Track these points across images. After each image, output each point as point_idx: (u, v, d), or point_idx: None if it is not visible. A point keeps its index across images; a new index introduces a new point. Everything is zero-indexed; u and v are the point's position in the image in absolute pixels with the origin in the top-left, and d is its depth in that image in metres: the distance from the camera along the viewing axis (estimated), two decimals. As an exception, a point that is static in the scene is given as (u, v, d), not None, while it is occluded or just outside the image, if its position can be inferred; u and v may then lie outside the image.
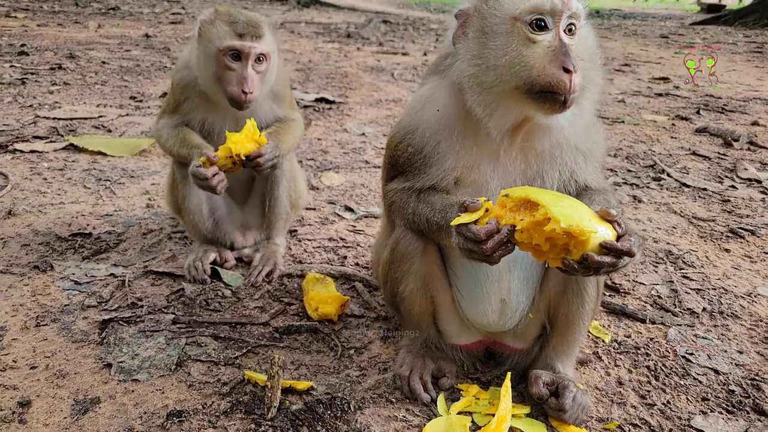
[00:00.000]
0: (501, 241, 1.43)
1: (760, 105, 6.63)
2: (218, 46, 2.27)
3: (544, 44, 1.51)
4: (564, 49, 1.49)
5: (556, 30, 1.51)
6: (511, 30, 1.53)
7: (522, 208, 1.43)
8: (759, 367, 2.08)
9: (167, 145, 2.50)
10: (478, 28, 1.59)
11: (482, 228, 1.43)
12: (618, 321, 2.35)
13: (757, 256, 2.99)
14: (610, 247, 1.36)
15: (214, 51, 2.28)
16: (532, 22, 1.50)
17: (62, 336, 2.07)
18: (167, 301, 2.35)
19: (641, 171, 4.30)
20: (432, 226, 1.67)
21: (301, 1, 22.80)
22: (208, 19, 2.33)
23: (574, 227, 1.34)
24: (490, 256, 1.45)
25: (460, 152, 1.69)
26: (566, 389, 1.75)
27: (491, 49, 1.55)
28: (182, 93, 2.47)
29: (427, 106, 1.75)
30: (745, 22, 17.30)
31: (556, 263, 1.42)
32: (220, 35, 2.27)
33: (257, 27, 2.31)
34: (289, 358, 2.03)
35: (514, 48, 1.51)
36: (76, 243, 2.77)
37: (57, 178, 3.56)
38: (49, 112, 4.93)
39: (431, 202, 1.69)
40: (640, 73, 8.68)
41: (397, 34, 13.28)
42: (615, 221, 1.42)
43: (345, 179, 3.88)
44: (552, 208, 1.37)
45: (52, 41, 8.53)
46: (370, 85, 7.03)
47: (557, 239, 1.37)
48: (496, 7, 1.56)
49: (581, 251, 1.36)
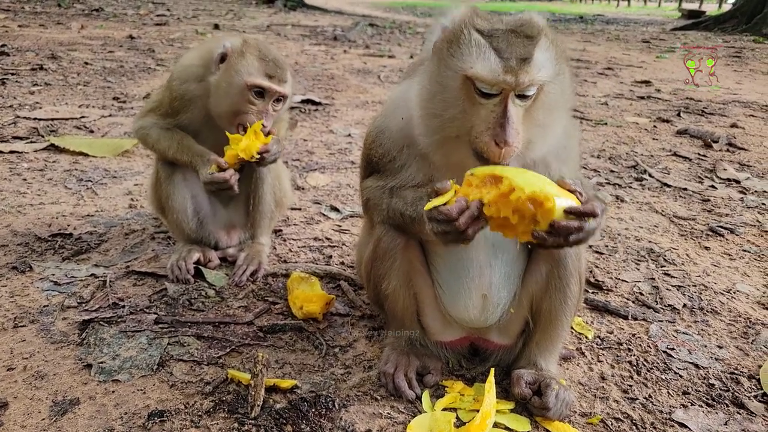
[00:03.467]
0: (472, 216, 1.43)
1: (738, 107, 6.75)
2: (246, 80, 2.30)
3: (489, 107, 1.49)
4: (502, 122, 1.46)
5: (504, 100, 1.48)
6: (461, 86, 1.51)
7: (488, 183, 1.46)
8: (738, 361, 2.11)
9: (159, 147, 2.49)
10: (434, 72, 1.56)
11: (453, 207, 1.44)
12: (601, 317, 2.37)
13: (735, 253, 3.03)
14: (573, 210, 1.39)
15: (241, 83, 2.31)
16: (481, 87, 1.48)
17: (41, 337, 2.04)
18: (149, 301, 2.33)
19: (624, 171, 4.35)
20: (406, 219, 1.69)
21: (288, 4, 22.82)
22: (237, 48, 2.35)
23: (538, 192, 1.37)
24: (464, 233, 1.45)
25: (421, 162, 1.71)
26: (548, 387, 1.76)
27: (439, 100, 1.55)
28: (182, 105, 2.46)
29: (396, 112, 1.77)
30: (724, 28, 17.62)
31: (526, 236, 1.43)
32: (250, 71, 2.31)
33: (284, 70, 2.39)
34: (274, 356, 2.02)
35: (460, 105, 1.52)
36: (56, 244, 2.73)
37: (37, 179, 3.51)
38: (29, 113, 4.86)
39: (403, 196, 1.71)
40: (623, 77, 8.80)
41: (384, 37, 13.32)
42: (576, 191, 1.45)
43: (331, 179, 3.88)
44: (515, 178, 1.41)
45: (34, 42, 8.42)
46: (356, 87, 7.04)
47: (524, 210, 1.39)
48: (453, 57, 1.51)
49: (548, 219, 1.38)
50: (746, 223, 3.43)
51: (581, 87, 7.74)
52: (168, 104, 2.49)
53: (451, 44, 1.52)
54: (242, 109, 2.35)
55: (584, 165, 4.43)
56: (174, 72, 2.52)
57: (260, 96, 2.35)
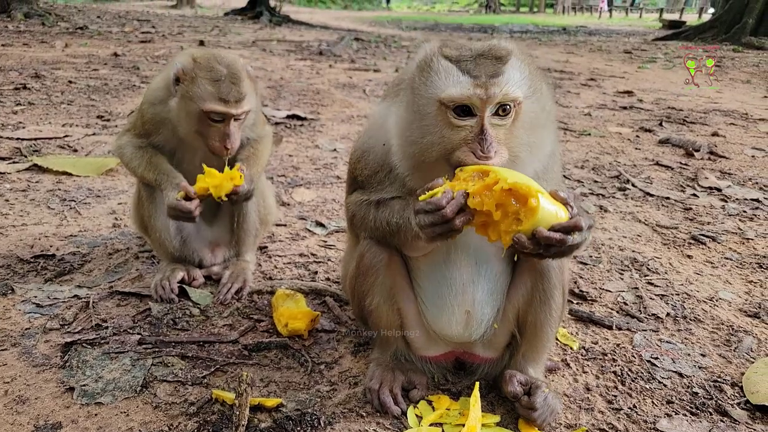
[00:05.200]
0: (459, 205, 1.44)
1: (719, 116, 6.87)
2: (201, 107, 2.24)
3: (467, 128, 1.53)
4: (480, 137, 1.50)
5: (480, 117, 1.52)
6: (437, 112, 1.55)
7: (475, 177, 1.47)
8: (721, 369, 2.13)
9: (131, 165, 2.48)
10: (410, 102, 1.61)
11: (441, 196, 1.46)
12: (585, 328, 2.39)
13: (718, 261, 3.07)
14: (557, 226, 1.41)
15: (196, 110, 2.26)
16: (456, 108, 1.53)
17: (22, 360, 2.01)
18: (133, 321, 2.31)
19: (607, 181, 4.40)
20: (392, 227, 1.69)
21: (273, 19, 22.95)
22: (188, 71, 2.26)
23: (519, 184, 1.38)
24: (452, 221, 1.45)
25: (405, 182, 1.73)
26: (538, 389, 1.78)
27: (418, 128, 1.58)
28: (154, 127, 2.44)
29: (377, 135, 1.79)
30: (704, 38, 17.95)
31: (508, 237, 1.43)
32: (203, 96, 2.24)
33: (239, 86, 2.28)
34: (259, 375, 2.00)
35: (438, 131, 1.55)
36: (38, 265, 2.70)
37: (20, 200, 3.48)
38: (12, 133, 4.82)
39: (390, 206, 1.72)
40: (606, 87, 8.92)
41: (369, 51, 13.41)
42: (567, 202, 1.47)
43: (316, 195, 3.88)
44: (501, 172, 1.42)
45: (17, 61, 8.38)
46: (342, 101, 7.07)
47: (507, 205, 1.40)
48: (426, 85, 1.57)
49: (532, 220, 1.39)
50: (728, 230, 3.47)
51: (565, 98, 7.84)
52: (141, 126, 2.47)
53: (423, 73, 1.58)
54: (205, 132, 2.31)
55: (568, 176, 4.48)
56: (144, 95, 2.51)
57: (220, 120, 2.29)
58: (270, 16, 23.52)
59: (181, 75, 2.26)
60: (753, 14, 16.92)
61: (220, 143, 2.30)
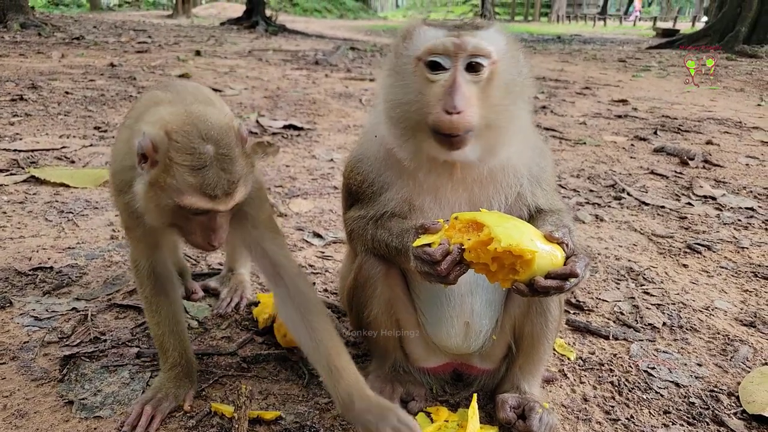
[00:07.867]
0: (454, 261, 1.46)
1: (713, 125, 6.92)
2: (177, 201, 1.55)
3: (440, 84, 1.56)
4: (450, 90, 1.52)
5: (453, 70, 1.55)
6: (414, 70, 1.61)
7: (470, 229, 1.49)
8: (717, 378, 2.14)
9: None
10: (392, 66, 1.70)
11: (437, 249, 1.47)
12: (582, 338, 2.40)
13: (713, 270, 3.10)
14: (553, 274, 1.43)
15: (171, 205, 1.57)
16: (429, 62, 1.58)
17: (21, 374, 2.01)
18: (132, 334, 2.31)
19: (602, 191, 4.43)
20: (391, 251, 1.71)
21: (269, 29, 23.04)
22: (160, 150, 1.53)
23: (513, 246, 1.40)
24: (446, 277, 1.48)
25: (399, 183, 1.75)
26: (533, 411, 1.78)
27: (399, 87, 1.65)
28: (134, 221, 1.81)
29: (371, 134, 1.83)
30: (697, 46, 18.10)
31: (506, 284, 1.46)
32: (180, 188, 1.53)
33: (230, 172, 1.57)
34: (257, 387, 2.01)
35: (416, 88, 1.60)
36: (36, 278, 2.70)
37: (17, 212, 3.48)
38: (9, 144, 4.82)
39: (389, 228, 1.73)
40: (600, 96, 8.98)
41: (365, 60, 13.48)
42: (563, 242, 1.47)
43: (313, 205, 3.90)
44: (495, 228, 1.43)
45: (14, 72, 8.39)
46: (338, 111, 7.10)
47: (503, 258, 1.43)
48: (407, 48, 1.65)
49: (528, 271, 1.41)
50: (723, 239, 3.50)
51: (560, 107, 7.89)
52: (126, 220, 1.89)
53: (405, 39, 1.68)
54: (181, 225, 1.66)
55: (564, 185, 4.50)
56: (110, 177, 1.99)
57: (202, 213, 1.61)
58: (266, 26, 23.63)
59: (150, 154, 1.54)
60: (746, 22, 17.09)
61: (204, 240, 1.66)
